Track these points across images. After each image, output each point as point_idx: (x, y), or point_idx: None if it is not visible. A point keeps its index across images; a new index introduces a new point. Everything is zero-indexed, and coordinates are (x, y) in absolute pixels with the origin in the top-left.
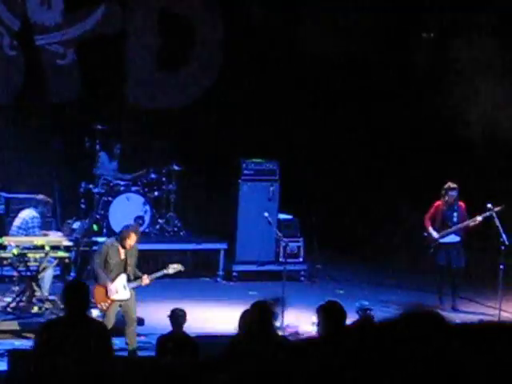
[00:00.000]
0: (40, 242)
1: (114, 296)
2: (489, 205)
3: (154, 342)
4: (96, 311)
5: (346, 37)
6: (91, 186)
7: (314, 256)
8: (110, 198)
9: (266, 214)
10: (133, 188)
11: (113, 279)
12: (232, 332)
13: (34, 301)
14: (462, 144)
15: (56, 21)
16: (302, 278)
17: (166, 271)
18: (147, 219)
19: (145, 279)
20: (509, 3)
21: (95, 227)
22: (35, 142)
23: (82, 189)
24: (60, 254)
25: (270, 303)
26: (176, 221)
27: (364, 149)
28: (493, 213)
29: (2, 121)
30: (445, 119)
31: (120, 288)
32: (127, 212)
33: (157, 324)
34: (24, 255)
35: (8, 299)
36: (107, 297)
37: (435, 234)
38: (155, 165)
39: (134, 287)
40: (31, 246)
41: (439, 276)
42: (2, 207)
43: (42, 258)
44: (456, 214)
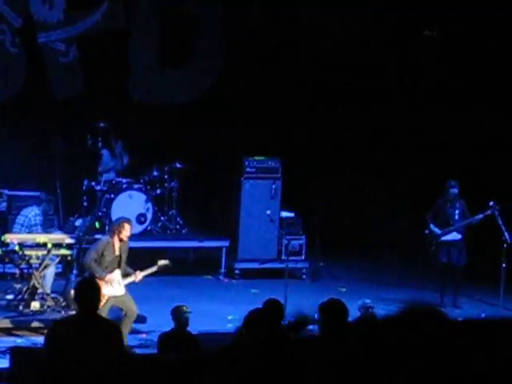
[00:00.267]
0: (42, 240)
1: (109, 292)
2: (491, 203)
3: (156, 340)
4: None
5: (347, 35)
6: (93, 184)
7: (316, 254)
8: (113, 196)
9: (268, 212)
10: (135, 185)
11: (107, 273)
12: (234, 330)
13: (36, 298)
14: (463, 143)
15: (58, 18)
16: (304, 276)
17: (157, 268)
18: (149, 217)
19: (138, 275)
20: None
21: (97, 225)
22: (37, 140)
23: (85, 186)
24: (62, 252)
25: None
26: (178, 218)
27: (365, 147)
28: (495, 211)
29: (4, 118)
30: (445, 119)
31: (115, 283)
32: (129, 209)
33: (158, 321)
34: (26, 253)
35: (10, 297)
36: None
37: (437, 231)
38: (157, 162)
39: (127, 283)
40: (33, 244)
41: (441, 274)
42: (5, 205)
43: (44, 256)
44: (458, 212)
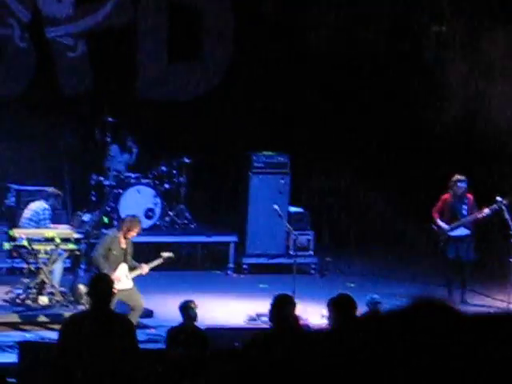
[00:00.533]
0: (50, 235)
1: (117, 285)
2: (498, 198)
3: (164, 335)
4: None
5: (356, 32)
6: (102, 179)
7: (325, 249)
8: (121, 191)
9: (277, 207)
10: (143, 180)
11: (114, 269)
12: (241, 324)
13: (44, 293)
14: (471, 138)
15: (67, 13)
16: (313, 271)
17: (162, 259)
18: (158, 212)
19: (144, 268)
20: None
21: (105, 219)
22: (46, 135)
23: (93, 181)
24: (70, 247)
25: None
26: (186, 213)
27: (374, 143)
28: (502, 205)
29: (13, 113)
30: (453, 115)
31: (122, 277)
32: (138, 204)
33: (166, 316)
34: (34, 247)
35: (18, 291)
36: None
37: (445, 227)
38: (166, 157)
39: (135, 276)
40: (41, 239)
41: (449, 269)
42: (13, 199)
43: (53, 251)
44: (465, 207)
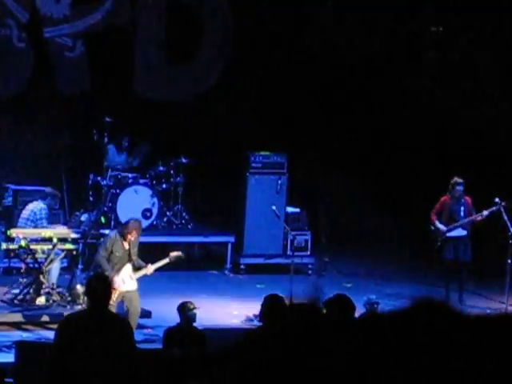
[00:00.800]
0: (48, 234)
1: (122, 287)
2: (496, 199)
3: (162, 335)
4: None
5: (355, 33)
6: (99, 179)
7: (322, 249)
8: (118, 191)
9: (274, 207)
10: (141, 180)
11: (118, 270)
12: (239, 325)
13: (42, 293)
14: (470, 140)
15: (65, 13)
16: (310, 272)
17: (169, 259)
18: (155, 212)
19: (149, 268)
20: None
21: (103, 219)
22: (44, 134)
23: (90, 181)
24: (67, 246)
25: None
26: (184, 213)
27: (372, 143)
28: (500, 207)
29: (11, 113)
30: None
31: (126, 278)
32: (135, 204)
33: (164, 317)
34: (31, 247)
35: (15, 291)
36: (114, 288)
37: (443, 228)
38: (163, 157)
39: (140, 277)
40: (39, 238)
41: (446, 270)
42: (10, 199)
43: (50, 250)
44: (463, 209)
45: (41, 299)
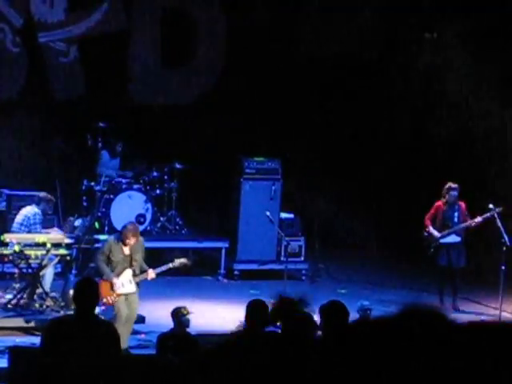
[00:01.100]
0: (41, 240)
1: (121, 290)
2: (490, 205)
3: (155, 340)
4: (97, 309)
5: (349, 36)
6: (93, 184)
7: (316, 255)
8: (112, 196)
9: (268, 213)
10: (134, 186)
11: (118, 274)
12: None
13: (35, 298)
14: (463, 144)
15: (59, 18)
16: (304, 278)
17: (172, 265)
18: (149, 217)
19: (150, 273)
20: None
21: (97, 225)
22: (37, 139)
23: (84, 186)
24: (61, 252)
25: (298, 303)
26: (177, 219)
27: (366, 148)
28: (494, 213)
29: (5, 118)
30: (445, 119)
31: (126, 282)
32: (129, 210)
33: (157, 322)
34: (25, 252)
35: (9, 296)
36: (113, 291)
37: (436, 234)
38: (157, 163)
39: (140, 281)
40: (32, 243)
41: (440, 276)
42: (4, 204)
43: (44, 256)
44: (457, 214)
45: (34, 304)
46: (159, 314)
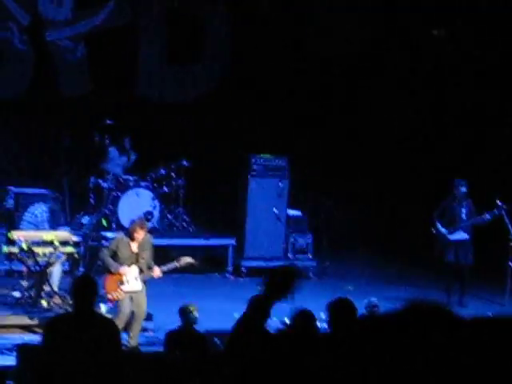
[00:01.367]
0: (49, 237)
1: (126, 287)
2: (499, 202)
3: (163, 338)
4: (104, 306)
5: (355, 35)
6: (100, 181)
7: (323, 252)
8: (120, 193)
9: (275, 210)
10: (142, 183)
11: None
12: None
13: (43, 296)
14: (470, 141)
15: (66, 16)
16: (311, 275)
17: (178, 263)
18: (156, 214)
19: (156, 271)
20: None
21: (104, 222)
22: (45, 137)
23: (92, 184)
24: (69, 249)
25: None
26: (185, 216)
27: (373, 145)
28: (502, 210)
29: (12, 115)
30: (451, 116)
31: (132, 279)
32: (136, 207)
33: (165, 319)
34: (33, 250)
35: (17, 294)
36: (118, 286)
37: (444, 231)
38: (164, 160)
39: (146, 279)
40: (40, 241)
41: (448, 273)
42: (12, 202)
43: (51, 253)
44: (465, 211)
45: (42, 302)
46: (167, 312)
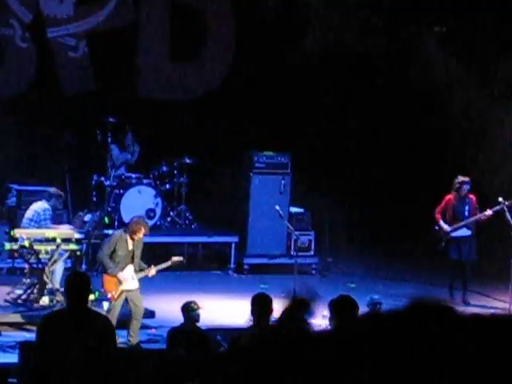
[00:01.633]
0: (51, 235)
1: (123, 286)
2: (500, 198)
3: (165, 335)
4: (107, 304)
5: (357, 32)
6: (103, 179)
7: (326, 249)
8: (122, 191)
9: (278, 208)
10: (144, 181)
11: (121, 269)
12: (242, 325)
13: (45, 293)
14: (472, 138)
15: (68, 13)
16: (314, 272)
17: (171, 262)
18: (158, 212)
19: (151, 270)
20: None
21: (107, 220)
22: (47, 135)
23: (94, 181)
24: (71, 247)
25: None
26: (187, 213)
27: (375, 141)
28: (504, 206)
29: (14, 113)
30: (454, 114)
31: (129, 278)
32: (139, 205)
33: (168, 317)
34: (35, 248)
35: (19, 291)
36: (116, 286)
37: (447, 228)
38: (167, 157)
39: (141, 278)
40: (42, 239)
41: (451, 270)
42: (14, 199)
43: (53, 251)
44: (467, 208)
45: (44, 299)
46: (169, 309)
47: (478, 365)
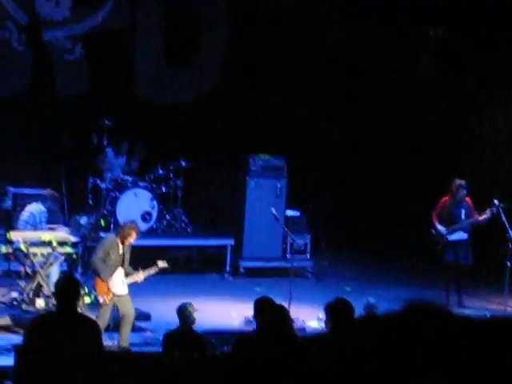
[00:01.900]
0: (47, 238)
1: (113, 290)
2: (495, 201)
3: (161, 338)
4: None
5: (353, 34)
6: (99, 182)
7: (321, 252)
8: (118, 194)
9: (274, 211)
10: (140, 184)
11: (112, 273)
12: (238, 328)
13: (41, 296)
14: (468, 141)
15: (64, 16)
16: (309, 275)
17: (158, 268)
18: (154, 215)
19: (140, 275)
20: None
21: (102, 223)
22: (43, 137)
23: (90, 184)
24: (67, 250)
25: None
26: (183, 217)
27: (372, 145)
28: (499, 209)
29: (10, 115)
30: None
31: (119, 282)
32: (134, 208)
33: (163, 319)
34: (31, 250)
35: (15, 294)
36: (109, 290)
37: (444, 231)
38: (163, 160)
39: (130, 283)
40: (38, 242)
41: (447, 273)
42: (10, 202)
43: (49, 254)
44: (464, 211)
45: (40, 303)
46: (165, 312)
47: (474, 367)
